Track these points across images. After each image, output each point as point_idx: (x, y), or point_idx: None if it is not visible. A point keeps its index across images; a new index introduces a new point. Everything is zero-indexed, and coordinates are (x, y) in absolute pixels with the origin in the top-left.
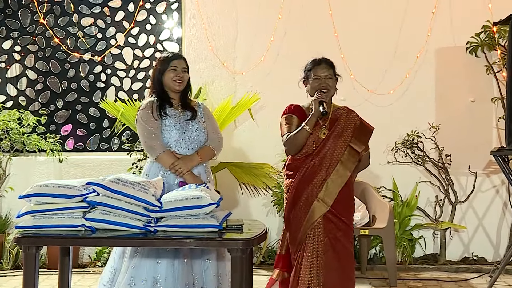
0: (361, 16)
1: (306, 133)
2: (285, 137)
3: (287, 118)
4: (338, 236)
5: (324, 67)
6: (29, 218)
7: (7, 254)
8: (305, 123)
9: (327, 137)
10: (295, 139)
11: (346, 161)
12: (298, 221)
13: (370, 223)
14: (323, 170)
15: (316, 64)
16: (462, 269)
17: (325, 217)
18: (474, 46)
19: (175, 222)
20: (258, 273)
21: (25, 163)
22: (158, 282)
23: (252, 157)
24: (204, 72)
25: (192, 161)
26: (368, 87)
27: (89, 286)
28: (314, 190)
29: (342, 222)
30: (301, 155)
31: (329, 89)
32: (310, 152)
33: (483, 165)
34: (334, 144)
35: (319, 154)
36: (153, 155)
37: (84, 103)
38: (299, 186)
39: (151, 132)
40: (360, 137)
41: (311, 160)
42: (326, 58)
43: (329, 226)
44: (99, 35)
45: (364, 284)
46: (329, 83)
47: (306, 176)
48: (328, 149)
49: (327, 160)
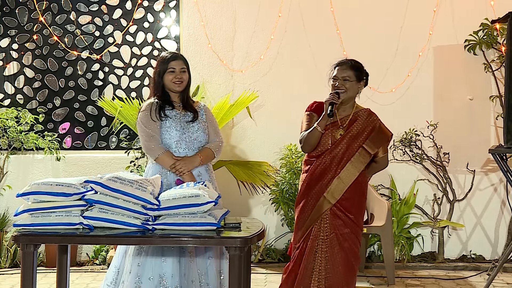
0: (363, 14)
1: (317, 133)
2: (301, 135)
3: (307, 116)
4: (345, 232)
5: (344, 68)
6: (27, 216)
7: (5, 252)
8: (317, 123)
9: (342, 138)
10: (308, 138)
11: (356, 161)
12: (306, 212)
13: (368, 221)
14: (332, 168)
15: (338, 64)
16: (460, 267)
17: (332, 213)
18: (472, 44)
19: (173, 220)
20: (256, 271)
21: (22, 162)
22: (164, 280)
23: (250, 156)
24: (202, 70)
25: (193, 163)
26: (370, 85)
27: (87, 284)
28: (323, 187)
29: (349, 219)
30: (316, 153)
31: (345, 90)
32: (324, 151)
33: (481, 163)
34: (347, 144)
35: (331, 153)
36: (153, 156)
37: (82, 101)
38: (310, 182)
39: (149, 134)
40: (375, 140)
41: (323, 158)
42: (353, 60)
43: (336, 222)
44: (97, 33)
45: (362, 282)
46: (346, 85)
47: (317, 173)
48: (340, 149)
49: (338, 159)
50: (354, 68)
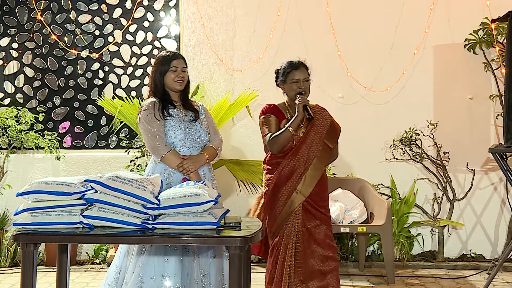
0: (358, 13)
1: (290, 134)
2: (268, 136)
3: (266, 118)
4: (316, 224)
5: (302, 70)
6: (27, 216)
7: (5, 252)
8: (289, 124)
9: (304, 136)
10: (279, 139)
11: (321, 156)
12: (277, 209)
13: (368, 220)
14: (301, 165)
15: (295, 67)
16: (460, 266)
17: (303, 208)
18: (472, 43)
19: (173, 219)
20: (256, 270)
21: (22, 161)
22: (166, 280)
23: (250, 155)
24: (202, 69)
25: (200, 161)
26: (365, 85)
27: (87, 284)
28: (293, 183)
29: (319, 212)
30: (282, 153)
31: (306, 92)
32: (289, 150)
33: (481, 162)
34: (311, 141)
35: (298, 151)
36: (159, 156)
37: (81, 101)
38: (279, 180)
39: (154, 133)
40: (331, 134)
41: (290, 156)
42: (303, 61)
43: (307, 216)
44: (97, 32)
45: (362, 281)
46: (307, 86)
47: (286, 171)
48: (306, 147)
49: (305, 156)
50: (307, 68)
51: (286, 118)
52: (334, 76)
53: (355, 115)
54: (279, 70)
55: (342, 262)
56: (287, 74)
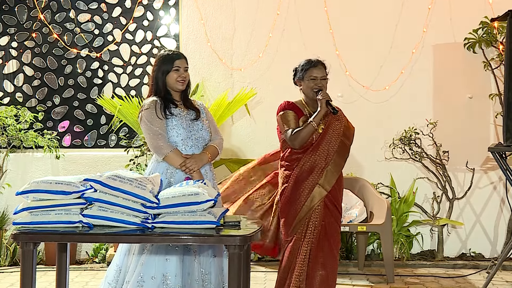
0: (357, 12)
1: (313, 129)
2: (290, 132)
3: (286, 114)
4: (331, 221)
5: (320, 68)
6: (26, 215)
7: (5, 251)
8: (312, 119)
9: (324, 132)
10: (302, 133)
11: (340, 152)
12: (298, 204)
13: (367, 219)
14: (322, 160)
15: (313, 65)
16: (460, 265)
17: (323, 203)
18: (472, 42)
19: (172, 218)
20: (256, 269)
21: (22, 160)
22: (167, 279)
23: (249, 154)
24: (202, 68)
25: (202, 160)
26: (363, 84)
27: (87, 283)
28: (315, 178)
29: (336, 208)
30: (302, 149)
31: (323, 90)
32: (309, 146)
33: (481, 161)
34: (330, 137)
35: (318, 146)
36: (161, 155)
37: (81, 100)
38: (300, 175)
39: (157, 132)
40: (346, 134)
41: (310, 151)
42: (321, 60)
43: (325, 211)
44: (96, 31)
45: (362, 280)
46: (324, 84)
47: (307, 167)
48: (325, 143)
49: (325, 151)
50: (325, 67)
51: (305, 115)
52: (333, 75)
53: (355, 114)
54: (297, 68)
55: (341, 261)
56: (305, 71)
